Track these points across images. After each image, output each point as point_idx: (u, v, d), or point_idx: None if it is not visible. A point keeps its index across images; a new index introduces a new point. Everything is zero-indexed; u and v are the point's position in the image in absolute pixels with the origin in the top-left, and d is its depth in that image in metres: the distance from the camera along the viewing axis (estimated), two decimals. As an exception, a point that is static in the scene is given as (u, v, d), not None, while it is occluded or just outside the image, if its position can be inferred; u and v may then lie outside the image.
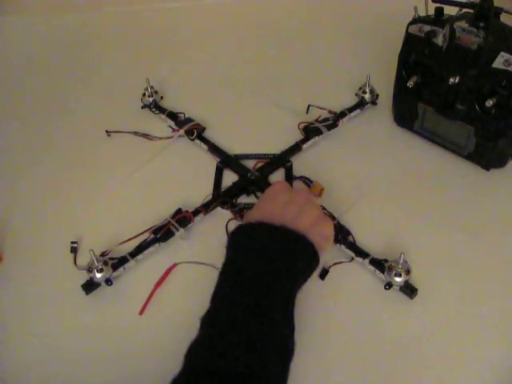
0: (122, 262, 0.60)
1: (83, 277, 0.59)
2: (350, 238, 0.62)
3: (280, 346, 0.45)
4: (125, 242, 0.62)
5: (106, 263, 0.59)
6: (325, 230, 0.52)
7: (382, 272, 0.58)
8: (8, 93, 0.89)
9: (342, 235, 0.61)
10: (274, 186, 0.57)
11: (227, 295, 0.47)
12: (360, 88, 0.80)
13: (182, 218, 0.64)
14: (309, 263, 0.50)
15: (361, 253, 0.60)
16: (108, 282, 0.59)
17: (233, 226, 0.64)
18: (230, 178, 0.71)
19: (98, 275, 0.58)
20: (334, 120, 0.76)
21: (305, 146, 0.74)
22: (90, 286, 0.59)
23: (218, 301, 0.47)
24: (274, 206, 0.52)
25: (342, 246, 0.61)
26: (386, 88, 0.77)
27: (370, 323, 0.56)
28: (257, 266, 0.48)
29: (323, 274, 0.59)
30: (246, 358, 0.42)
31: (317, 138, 0.75)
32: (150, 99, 0.81)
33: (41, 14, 1.05)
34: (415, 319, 0.56)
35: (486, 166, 0.69)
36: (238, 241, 0.51)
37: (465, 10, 0.64)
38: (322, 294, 0.58)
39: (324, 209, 0.64)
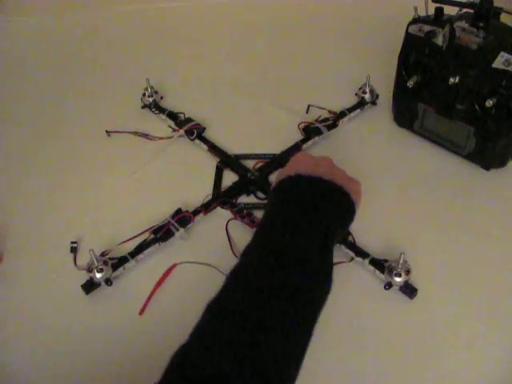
0: (121, 261, 0.60)
1: (83, 277, 0.59)
2: (350, 238, 0.62)
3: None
4: (125, 241, 0.63)
5: (105, 263, 0.59)
6: (355, 186, 0.55)
7: (382, 272, 0.58)
8: (8, 92, 0.89)
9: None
10: (298, 154, 0.61)
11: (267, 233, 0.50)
12: (360, 88, 0.80)
13: (182, 218, 0.64)
14: (347, 212, 0.53)
15: (361, 253, 0.60)
16: (108, 282, 0.59)
17: (233, 226, 0.65)
18: (230, 177, 0.71)
19: (98, 275, 0.58)
20: (333, 120, 0.76)
21: (305, 146, 0.74)
22: (89, 286, 0.59)
23: (254, 247, 0.49)
24: (306, 163, 0.55)
25: (342, 246, 0.61)
26: (386, 88, 0.77)
27: (370, 323, 0.56)
28: (294, 210, 0.50)
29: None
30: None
31: (317, 138, 0.75)
32: (150, 99, 0.81)
33: (41, 14, 1.05)
34: (415, 319, 0.56)
35: (486, 166, 0.69)
36: (280, 192, 0.54)
37: (465, 9, 0.64)
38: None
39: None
